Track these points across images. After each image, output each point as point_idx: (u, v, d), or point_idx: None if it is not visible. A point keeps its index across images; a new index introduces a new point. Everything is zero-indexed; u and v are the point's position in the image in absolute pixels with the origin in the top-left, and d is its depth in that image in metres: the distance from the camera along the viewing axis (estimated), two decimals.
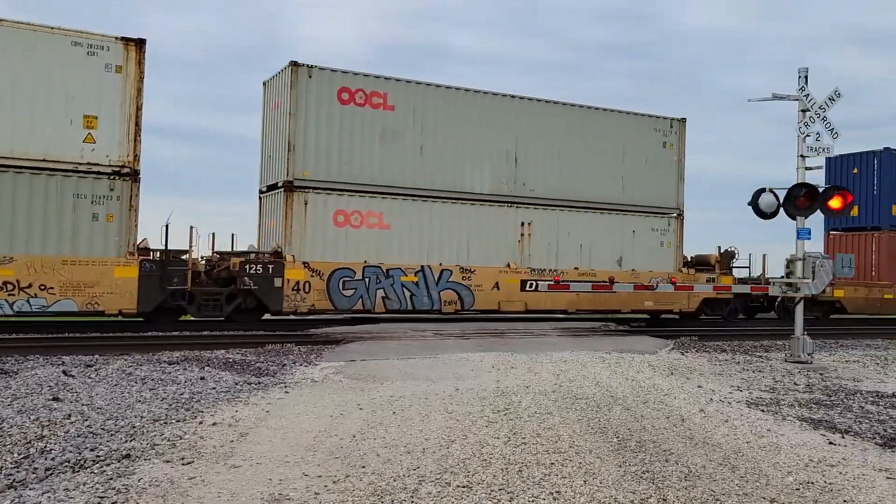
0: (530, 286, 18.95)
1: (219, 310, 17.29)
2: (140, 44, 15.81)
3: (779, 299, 23.06)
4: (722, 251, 23.50)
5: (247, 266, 17.30)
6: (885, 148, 26.65)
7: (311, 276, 17.80)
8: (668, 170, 22.52)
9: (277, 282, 17.51)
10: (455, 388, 9.83)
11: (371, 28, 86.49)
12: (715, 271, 23.15)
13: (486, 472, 5.95)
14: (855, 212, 26.16)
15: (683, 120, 22.87)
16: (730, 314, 23.40)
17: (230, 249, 18.80)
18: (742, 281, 23.71)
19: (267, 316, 18.53)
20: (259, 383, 10.03)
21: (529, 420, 7.87)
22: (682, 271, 22.46)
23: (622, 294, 20.50)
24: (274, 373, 11.12)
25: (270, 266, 17.49)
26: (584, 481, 5.76)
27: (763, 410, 8.85)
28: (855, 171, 27.10)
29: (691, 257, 23.77)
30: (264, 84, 20.10)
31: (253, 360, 12.26)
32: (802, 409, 9.10)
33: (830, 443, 7.26)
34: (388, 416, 8.03)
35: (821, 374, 12.43)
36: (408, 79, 19.37)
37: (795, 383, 11.27)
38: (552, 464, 6.21)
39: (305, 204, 18.04)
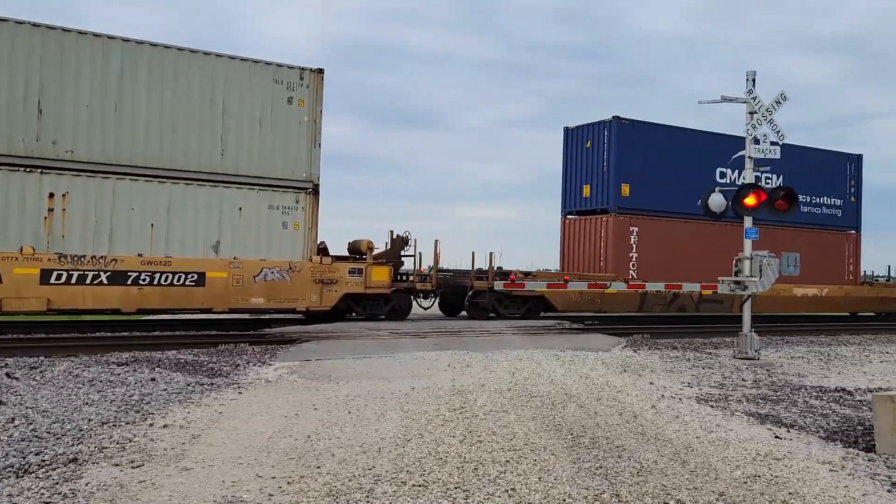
0: (58, 278, 14.83)
1: None
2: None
3: (469, 294, 20.22)
4: (394, 236, 19.82)
5: None
6: (613, 117, 22.93)
7: None
8: (297, 133, 17.46)
9: None
10: (411, 386, 9.83)
11: (328, 25, 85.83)
12: (367, 260, 18.70)
13: (441, 470, 5.96)
14: (587, 192, 23.81)
15: (320, 71, 17.70)
16: (392, 312, 19.26)
17: None
18: (408, 275, 20.17)
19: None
20: (212, 384, 9.87)
21: (485, 418, 7.91)
22: (312, 260, 17.59)
23: (218, 287, 16.29)
24: (227, 373, 10.96)
25: None
26: (539, 478, 5.82)
27: (712, 406, 9.05)
28: (588, 144, 23.87)
29: (349, 243, 19.97)
30: None
31: (205, 361, 12.06)
32: (750, 404, 9.34)
33: (777, 437, 7.46)
34: (343, 415, 7.99)
35: (767, 370, 12.77)
36: None
37: (743, 379, 11.56)
38: (507, 461, 6.26)
39: None
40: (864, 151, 30.05)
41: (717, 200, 14.67)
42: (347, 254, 19.75)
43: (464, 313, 21.40)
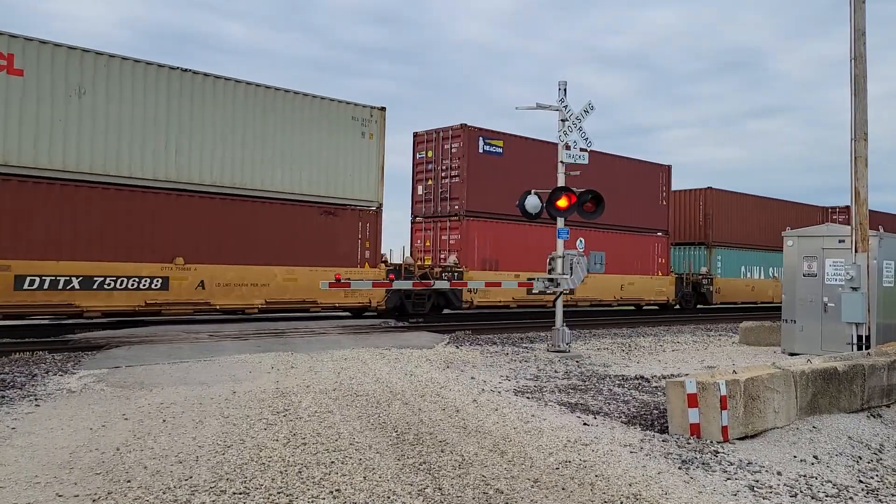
0: None
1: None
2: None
3: None
4: None
5: None
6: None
7: None
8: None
9: None
10: (232, 391, 9.47)
11: (132, 10, 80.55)
12: None
13: (264, 476, 5.80)
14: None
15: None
16: None
17: None
18: None
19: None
20: (3, 397, 8.91)
21: (310, 420, 7.80)
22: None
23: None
24: (22, 384, 9.94)
25: None
26: (364, 477, 5.84)
27: (528, 398, 9.55)
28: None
29: None
30: None
31: None
32: (562, 394, 9.95)
33: (585, 424, 8.02)
34: (157, 424, 7.53)
35: (577, 362, 13.68)
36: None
37: (556, 371, 12.30)
38: (332, 462, 6.22)
39: None
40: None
41: (532, 202, 15.47)
42: None
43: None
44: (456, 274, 21.76)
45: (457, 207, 23.18)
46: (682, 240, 33.56)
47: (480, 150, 23.26)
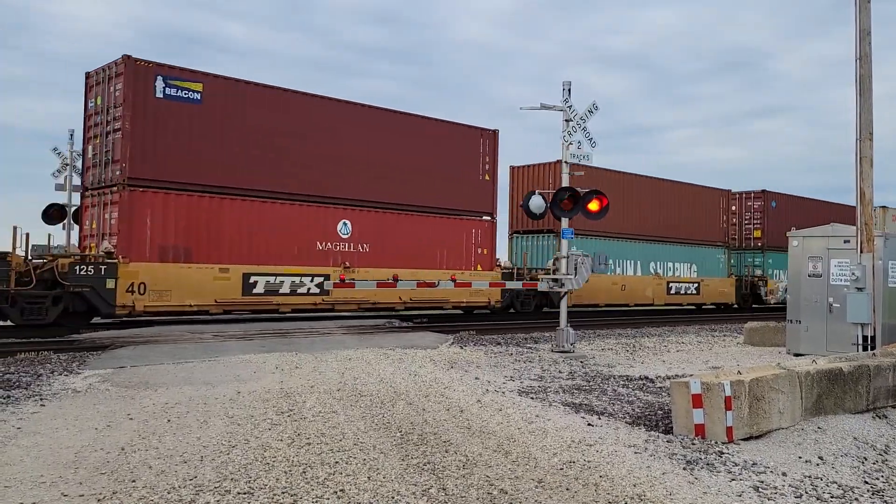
0: None
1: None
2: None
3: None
4: None
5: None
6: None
7: None
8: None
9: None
10: (236, 391, 9.49)
11: (132, 10, 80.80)
12: None
13: (268, 476, 5.81)
14: None
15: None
16: None
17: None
18: None
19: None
20: (8, 397, 8.95)
21: (314, 420, 7.81)
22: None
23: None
24: (27, 384, 9.97)
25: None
26: (368, 477, 5.84)
27: (532, 398, 9.54)
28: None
29: None
30: None
31: (1, 371, 10.90)
32: (566, 394, 9.94)
33: (589, 424, 8.01)
34: (162, 424, 7.55)
35: (581, 362, 13.67)
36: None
37: (560, 371, 12.29)
38: (337, 462, 6.22)
39: None
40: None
41: (536, 202, 15.46)
42: None
43: None
44: (104, 269, 16.25)
45: (118, 174, 16.91)
46: (530, 228, 26.84)
47: (159, 95, 17.16)
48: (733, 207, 34.48)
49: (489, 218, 23.68)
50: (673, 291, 30.42)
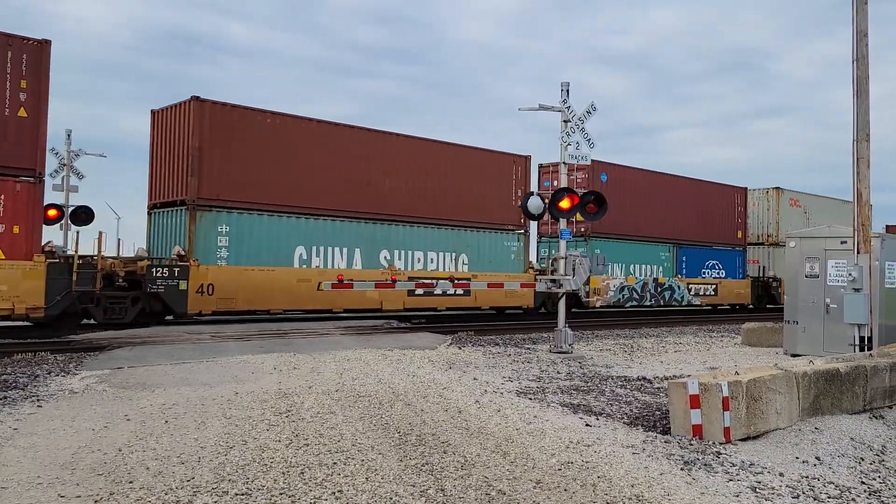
0: None
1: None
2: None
3: None
4: None
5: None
6: None
7: None
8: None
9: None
10: (234, 391, 9.48)
11: (132, 10, 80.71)
12: None
13: (266, 477, 5.80)
14: None
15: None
16: None
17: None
18: None
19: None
20: (5, 398, 8.93)
21: (312, 421, 7.81)
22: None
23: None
24: (24, 385, 9.95)
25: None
26: (367, 478, 5.84)
27: (531, 399, 9.55)
28: None
29: None
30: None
31: None
32: (564, 395, 9.95)
33: (587, 425, 8.01)
34: (159, 425, 7.54)
35: (579, 363, 13.67)
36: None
37: (558, 372, 12.29)
38: (335, 463, 6.22)
39: None
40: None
41: (534, 203, 15.46)
42: None
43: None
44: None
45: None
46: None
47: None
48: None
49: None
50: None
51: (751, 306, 33.82)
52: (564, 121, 15.43)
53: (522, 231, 25.49)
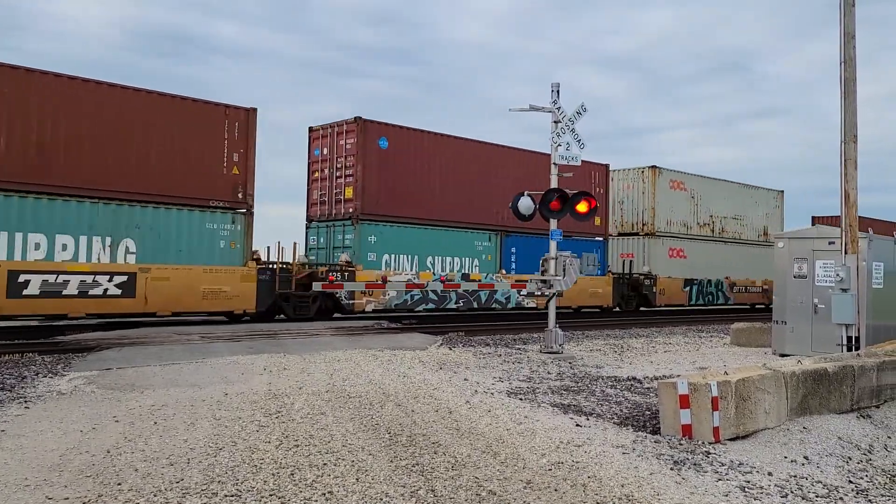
0: None
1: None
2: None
3: None
4: None
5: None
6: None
7: None
8: None
9: None
10: (224, 392, 9.44)
11: (124, 9, 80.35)
12: None
13: (256, 478, 5.79)
14: None
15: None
16: None
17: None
18: None
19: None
20: None
21: (302, 422, 7.79)
22: None
23: None
24: (11, 386, 9.88)
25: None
26: (357, 479, 5.83)
27: (521, 399, 9.56)
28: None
29: None
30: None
31: None
32: (554, 395, 9.96)
33: (577, 425, 8.03)
34: (148, 426, 7.50)
35: (570, 363, 13.70)
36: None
37: (549, 372, 12.31)
38: (325, 464, 6.20)
39: None
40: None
41: (525, 204, 15.49)
42: None
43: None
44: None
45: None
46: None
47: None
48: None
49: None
50: None
51: (616, 309, 29.32)
52: (555, 121, 15.46)
53: (243, 210, 19.29)
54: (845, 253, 12.78)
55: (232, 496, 5.35)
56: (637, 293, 30.14)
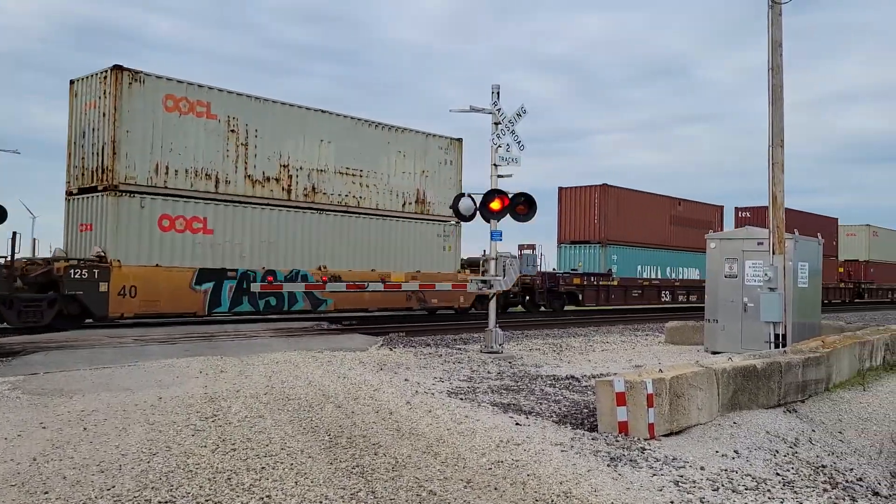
0: None
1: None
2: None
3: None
4: None
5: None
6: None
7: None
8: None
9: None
10: (158, 396, 9.19)
11: (57, 4, 77.54)
12: None
13: (191, 483, 5.65)
14: None
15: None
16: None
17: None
18: None
19: None
20: None
21: (240, 425, 7.65)
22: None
23: None
24: None
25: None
26: (296, 482, 5.76)
27: (462, 399, 9.60)
28: None
29: None
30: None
31: None
32: (495, 394, 10.04)
33: (517, 424, 8.11)
34: (78, 432, 7.25)
35: (510, 363, 13.83)
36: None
37: (489, 372, 12.40)
38: (263, 468, 6.11)
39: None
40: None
41: (465, 204, 15.57)
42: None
43: None
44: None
45: None
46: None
47: None
48: None
49: None
50: None
51: None
52: (495, 123, 15.58)
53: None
54: (773, 253, 13.27)
55: (166, 502, 5.22)
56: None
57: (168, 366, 11.88)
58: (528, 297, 29.93)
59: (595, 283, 32.12)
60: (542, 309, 30.63)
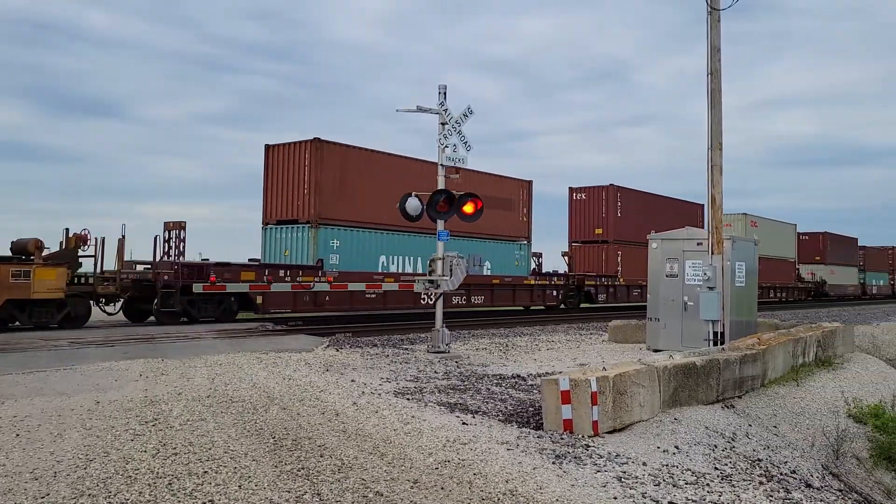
0: None
1: None
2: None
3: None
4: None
5: None
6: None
7: None
8: None
9: None
10: (95, 401, 8.92)
11: None
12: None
13: (130, 489, 5.50)
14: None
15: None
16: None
17: None
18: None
19: None
20: None
21: (181, 429, 7.48)
22: None
23: None
24: None
25: None
26: (240, 486, 5.66)
27: (409, 399, 9.59)
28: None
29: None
30: None
31: None
32: (441, 394, 10.06)
33: (464, 423, 8.15)
34: (9, 439, 6.98)
35: (456, 362, 13.87)
36: None
37: (436, 372, 12.42)
38: (206, 472, 5.99)
39: None
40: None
41: (413, 204, 15.55)
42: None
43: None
44: None
45: None
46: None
47: None
48: None
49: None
50: None
51: None
52: (442, 123, 15.60)
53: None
54: (712, 253, 13.63)
55: None
56: None
57: (106, 369, 11.54)
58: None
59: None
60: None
